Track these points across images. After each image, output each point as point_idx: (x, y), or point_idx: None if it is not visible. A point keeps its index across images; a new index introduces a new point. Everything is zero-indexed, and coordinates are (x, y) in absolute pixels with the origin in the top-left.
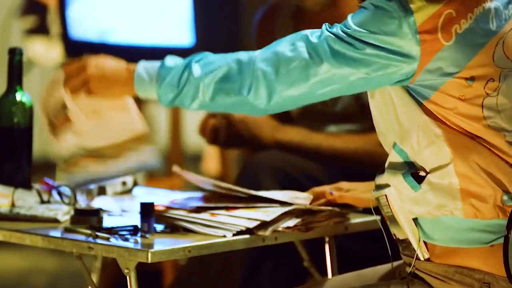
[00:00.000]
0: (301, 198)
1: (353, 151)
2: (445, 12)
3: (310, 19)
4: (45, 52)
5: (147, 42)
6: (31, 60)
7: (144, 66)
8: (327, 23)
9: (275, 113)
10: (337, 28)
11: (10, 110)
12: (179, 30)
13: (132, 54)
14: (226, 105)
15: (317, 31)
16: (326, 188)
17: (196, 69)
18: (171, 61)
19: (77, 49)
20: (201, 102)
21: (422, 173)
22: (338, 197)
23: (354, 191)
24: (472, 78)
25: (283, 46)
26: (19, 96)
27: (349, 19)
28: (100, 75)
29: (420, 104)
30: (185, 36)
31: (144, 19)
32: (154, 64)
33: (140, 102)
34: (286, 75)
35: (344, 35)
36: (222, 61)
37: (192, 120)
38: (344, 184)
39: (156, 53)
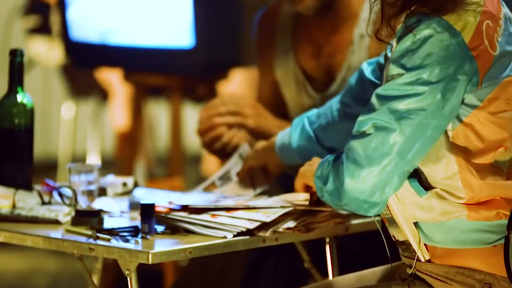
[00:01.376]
0: (300, 200)
1: None
2: (484, 23)
3: (309, 21)
4: (46, 52)
5: (147, 43)
6: (33, 60)
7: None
8: (376, 91)
9: None
10: (389, 88)
11: (11, 111)
12: (179, 31)
13: (132, 55)
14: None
15: (372, 105)
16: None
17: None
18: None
19: (77, 50)
20: None
21: (429, 184)
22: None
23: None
24: None
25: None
26: (20, 97)
27: (396, 69)
28: None
29: (448, 136)
30: (185, 38)
31: (144, 21)
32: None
33: (140, 102)
34: (371, 157)
35: (401, 89)
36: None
37: (192, 121)
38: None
39: (156, 54)
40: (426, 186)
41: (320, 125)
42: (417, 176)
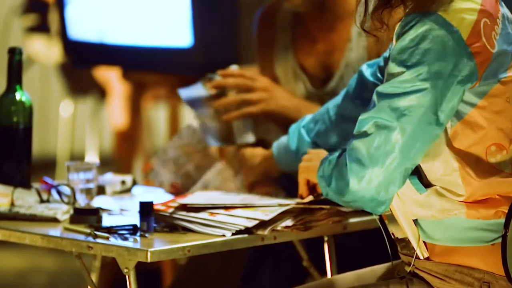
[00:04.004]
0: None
1: None
2: (482, 21)
3: (307, 18)
4: (45, 51)
5: (145, 42)
6: (31, 58)
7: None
8: (376, 90)
9: None
10: (389, 86)
11: (10, 110)
12: (178, 31)
13: (130, 54)
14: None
15: (372, 105)
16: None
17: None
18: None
19: (76, 49)
20: None
21: (428, 182)
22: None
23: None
24: None
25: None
26: (18, 96)
27: (395, 68)
28: None
29: (447, 134)
30: (183, 37)
31: (142, 20)
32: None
33: (138, 101)
34: (374, 156)
35: (401, 87)
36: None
37: (190, 120)
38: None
39: (155, 53)
40: (426, 183)
41: (318, 131)
42: (416, 173)
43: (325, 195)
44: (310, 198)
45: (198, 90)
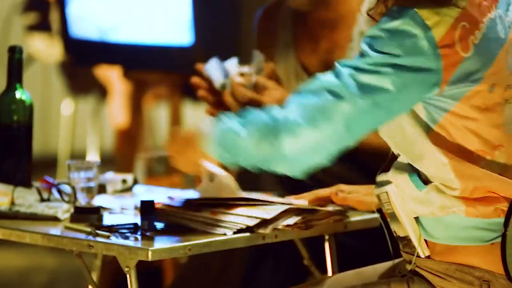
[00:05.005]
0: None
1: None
2: (460, 24)
3: (309, 17)
4: (46, 49)
5: (146, 40)
6: (32, 57)
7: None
8: (340, 61)
9: None
10: (357, 62)
11: (10, 108)
12: (178, 29)
13: (131, 53)
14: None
15: (332, 72)
16: (332, 190)
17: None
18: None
19: (76, 47)
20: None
21: (427, 178)
22: (341, 199)
23: (356, 194)
24: (492, 86)
25: (308, 97)
26: (19, 94)
27: (366, 49)
28: None
29: (428, 132)
30: (184, 35)
31: (143, 18)
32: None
33: (141, 102)
34: (312, 116)
35: (367, 66)
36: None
37: (192, 119)
38: (344, 187)
39: (155, 51)
40: (425, 180)
41: None
42: (416, 170)
43: (226, 160)
44: (305, 202)
45: (231, 65)
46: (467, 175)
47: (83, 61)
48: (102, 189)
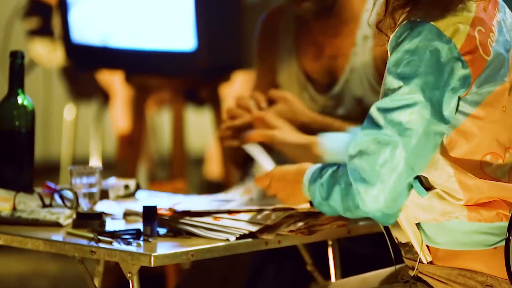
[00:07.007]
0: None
1: None
2: (476, 29)
3: (311, 23)
4: (48, 54)
5: (149, 46)
6: (34, 62)
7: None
8: (376, 106)
9: None
10: (387, 101)
11: (12, 114)
12: (181, 34)
13: (134, 58)
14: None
15: (369, 122)
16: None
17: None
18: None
19: (78, 52)
20: None
21: (429, 184)
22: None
23: (281, 131)
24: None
25: (362, 158)
26: (20, 100)
27: (392, 82)
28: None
29: (441, 142)
30: (187, 40)
31: (146, 23)
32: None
33: (141, 105)
34: (380, 174)
35: (398, 102)
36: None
37: (194, 124)
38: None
39: (158, 56)
40: (427, 186)
41: None
42: (417, 177)
43: (320, 209)
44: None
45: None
46: (472, 187)
47: (85, 66)
48: (104, 194)
